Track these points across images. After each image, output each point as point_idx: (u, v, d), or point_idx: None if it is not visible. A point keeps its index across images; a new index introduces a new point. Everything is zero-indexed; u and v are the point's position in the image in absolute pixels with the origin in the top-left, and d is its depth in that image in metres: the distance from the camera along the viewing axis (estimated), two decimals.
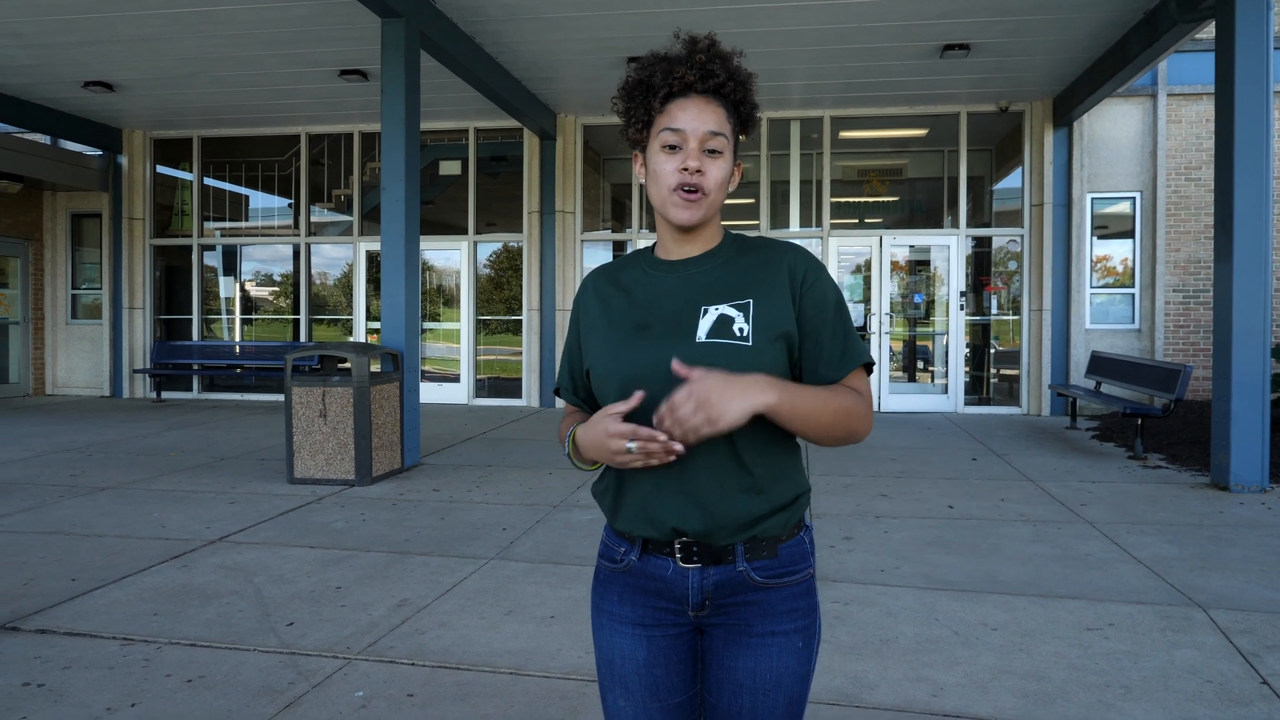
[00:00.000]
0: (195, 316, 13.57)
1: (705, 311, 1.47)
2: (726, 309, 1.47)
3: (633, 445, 1.35)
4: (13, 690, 3.16)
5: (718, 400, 1.31)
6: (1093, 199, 11.21)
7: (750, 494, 1.46)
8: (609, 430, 1.37)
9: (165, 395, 13.39)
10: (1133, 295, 11.20)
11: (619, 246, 12.63)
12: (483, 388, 12.77)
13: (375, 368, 7.54)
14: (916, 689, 3.19)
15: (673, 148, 1.47)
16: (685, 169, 1.46)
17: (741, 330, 1.45)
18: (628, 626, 1.54)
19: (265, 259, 13.68)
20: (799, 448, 1.55)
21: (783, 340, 1.47)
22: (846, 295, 12.08)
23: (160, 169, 13.64)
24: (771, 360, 1.45)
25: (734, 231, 1.59)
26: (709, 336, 1.45)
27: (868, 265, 11.93)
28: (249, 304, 13.72)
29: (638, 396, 1.40)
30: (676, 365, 1.35)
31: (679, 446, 1.34)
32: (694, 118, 1.46)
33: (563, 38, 8.92)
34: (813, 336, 1.49)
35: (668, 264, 1.56)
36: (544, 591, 4.28)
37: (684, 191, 1.46)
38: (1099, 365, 9.75)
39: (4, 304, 13.54)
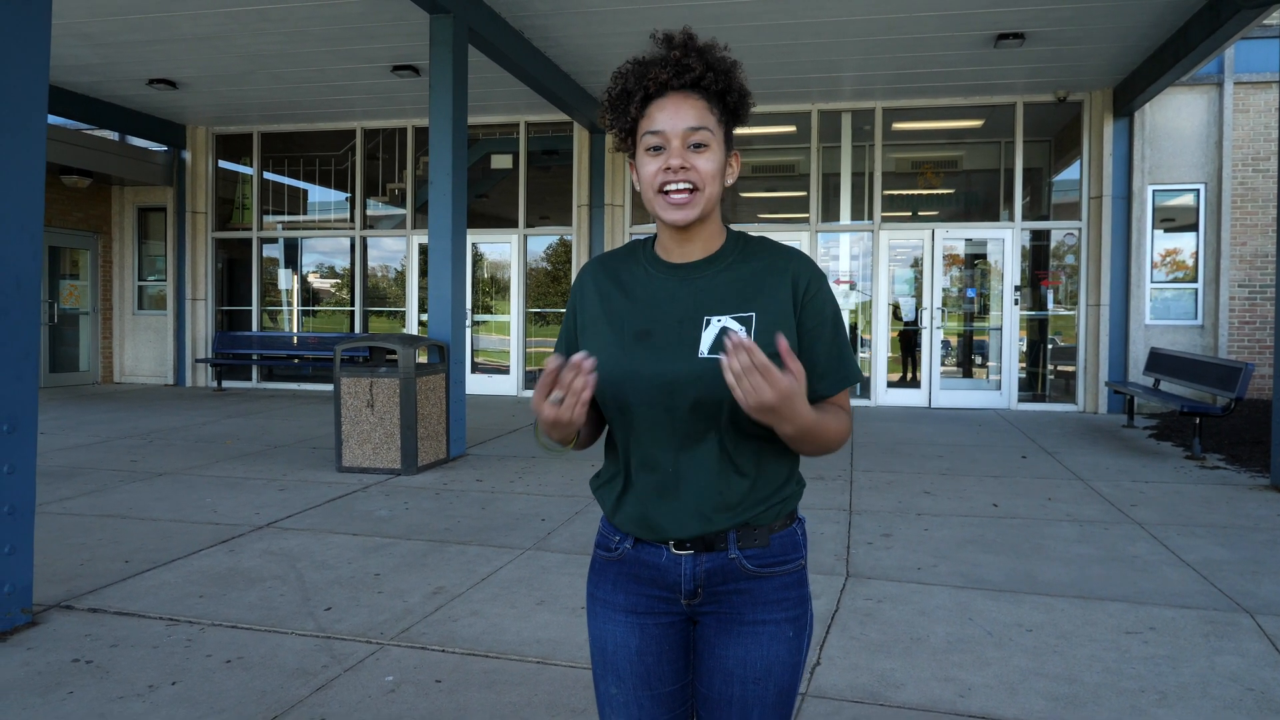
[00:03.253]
0: (255, 308, 13.92)
1: (708, 323, 1.46)
2: (729, 321, 1.46)
3: (556, 396, 1.33)
4: (63, 666, 3.30)
5: (783, 405, 1.27)
6: (1154, 191, 10.89)
7: (746, 494, 1.48)
8: (536, 392, 1.35)
9: (225, 384, 13.78)
10: (1195, 290, 10.87)
11: None
12: (532, 379, 12.89)
13: (423, 359, 7.66)
14: (944, 689, 3.16)
15: (656, 149, 1.44)
16: (668, 168, 1.43)
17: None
18: (621, 614, 1.55)
19: (322, 252, 13.98)
20: None
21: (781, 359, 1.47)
22: (899, 290, 11.94)
23: (222, 164, 14.01)
24: None
25: (735, 229, 1.58)
26: (711, 352, 1.44)
27: (920, 259, 11.76)
28: (307, 295, 14.04)
29: (579, 360, 1.33)
30: (781, 341, 1.27)
31: (588, 377, 1.31)
32: (671, 115, 1.43)
33: (610, 31, 8.94)
34: (809, 350, 1.49)
35: (669, 266, 1.53)
36: (576, 582, 4.32)
37: (672, 193, 1.44)
38: (1158, 362, 9.49)
39: (75, 295, 14.05)
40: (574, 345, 1.61)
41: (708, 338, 1.45)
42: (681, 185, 1.43)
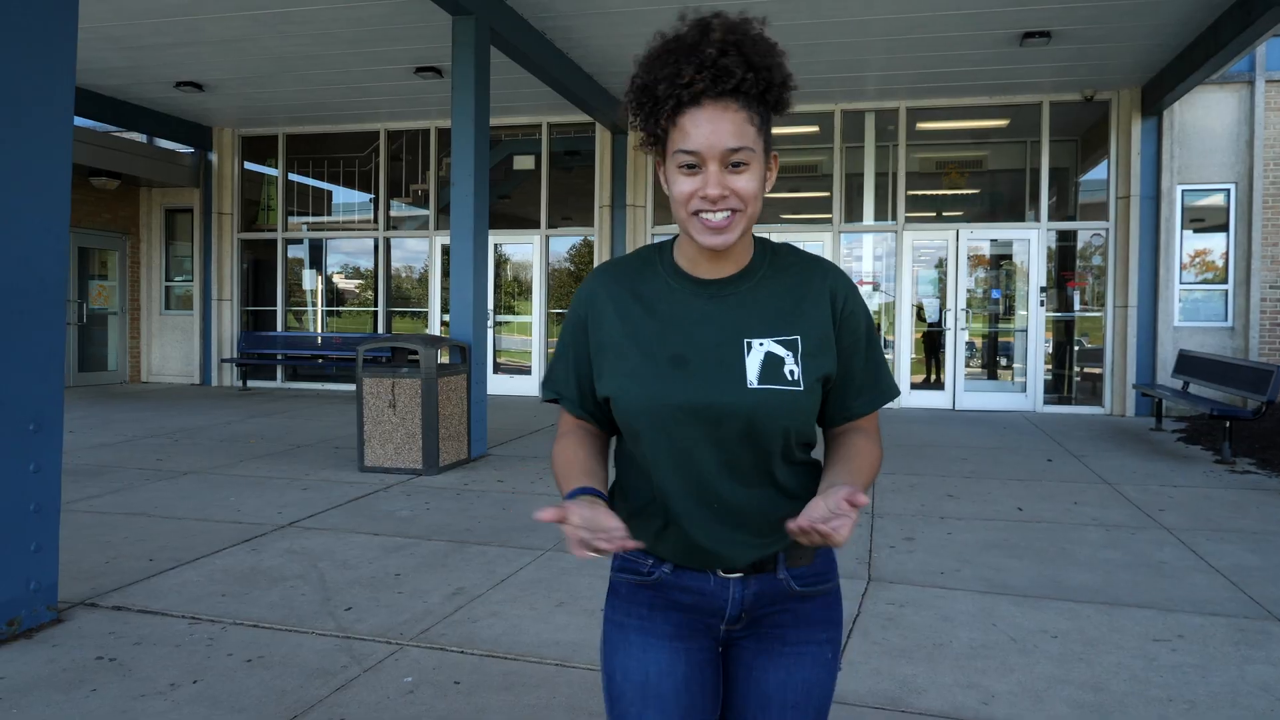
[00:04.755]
0: (279, 308, 14.04)
1: (750, 347, 1.36)
2: (773, 346, 1.36)
3: (589, 541, 1.21)
4: (86, 663, 3.33)
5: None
6: (1183, 191, 10.73)
7: (795, 515, 1.43)
8: (572, 534, 1.21)
9: (251, 384, 13.89)
10: (1226, 291, 10.70)
11: None
12: None
13: (445, 359, 7.68)
14: (967, 695, 3.12)
15: (691, 167, 1.29)
16: (705, 196, 1.29)
17: (792, 373, 1.36)
18: (664, 641, 1.44)
19: (346, 252, 14.07)
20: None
21: (822, 381, 1.41)
22: (923, 290, 11.86)
23: (247, 165, 14.14)
24: (816, 402, 1.40)
25: (759, 237, 1.48)
26: (761, 381, 1.34)
27: (944, 260, 11.66)
28: (331, 296, 14.14)
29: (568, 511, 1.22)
30: (844, 501, 1.19)
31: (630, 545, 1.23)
32: (709, 135, 1.27)
33: (632, 31, 8.92)
34: (845, 367, 1.43)
35: (698, 282, 1.41)
36: (596, 584, 4.31)
37: (709, 218, 1.31)
38: (1187, 364, 9.35)
39: (104, 295, 14.22)
40: (583, 366, 1.47)
41: (754, 364, 1.35)
42: (721, 212, 1.30)
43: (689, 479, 1.38)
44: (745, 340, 1.36)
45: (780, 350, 1.36)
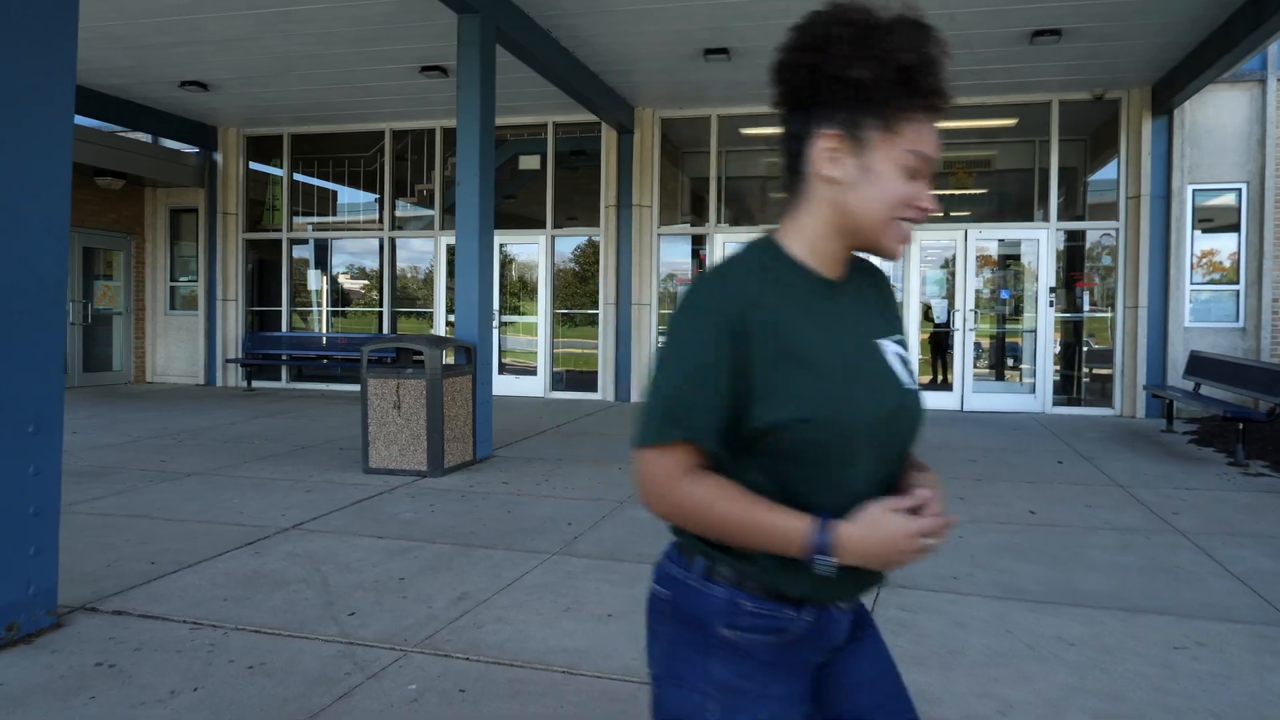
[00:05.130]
0: (284, 308, 14.00)
1: (881, 349, 1.31)
2: (894, 346, 1.33)
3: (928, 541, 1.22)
4: (85, 669, 3.28)
5: None
6: (1194, 191, 10.64)
7: None
8: (910, 529, 1.19)
9: (255, 384, 13.86)
10: (1237, 292, 10.60)
11: (697, 241, 12.53)
12: (560, 380, 12.85)
13: (450, 360, 7.63)
14: (983, 705, 3.05)
15: (912, 173, 1.24)
16: (923, 207, 1.25)
17: (914, 372, 1.36)
18: (801, 705, 1.32)
19: (352, 252, 14.04)
20: None
21: None
22: (931, 290, 11.79)
23: (252, 165, 14.10)
24: None
25: None
26: (914, 383, 1.33)
27: (952, 260, 11.58)
28: (336, 296, 14.10)
29: (920, 498, 1.23)
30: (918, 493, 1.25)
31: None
32: (937, 148, 1.26)
33: (639, 30, 8.87)
34: None
35: (827, 284, 1.30)
36: (603, 589, 4.25)
37: (909, 228, 1.27)
38: (1198, 365, 9.27)
39: (109, 295, 14.20)
40: (731, 391, 1.22)
41: (897, 366, 1.31)
42: (912, 224, 1.28)
43: (853, 495, 1.25)
44: (874, 341, 1.32)
45: (901, 350, 1.35)
